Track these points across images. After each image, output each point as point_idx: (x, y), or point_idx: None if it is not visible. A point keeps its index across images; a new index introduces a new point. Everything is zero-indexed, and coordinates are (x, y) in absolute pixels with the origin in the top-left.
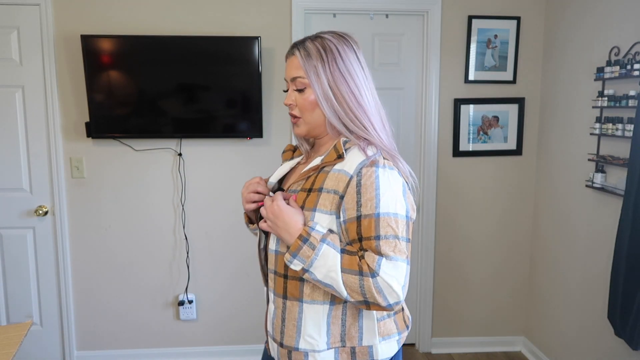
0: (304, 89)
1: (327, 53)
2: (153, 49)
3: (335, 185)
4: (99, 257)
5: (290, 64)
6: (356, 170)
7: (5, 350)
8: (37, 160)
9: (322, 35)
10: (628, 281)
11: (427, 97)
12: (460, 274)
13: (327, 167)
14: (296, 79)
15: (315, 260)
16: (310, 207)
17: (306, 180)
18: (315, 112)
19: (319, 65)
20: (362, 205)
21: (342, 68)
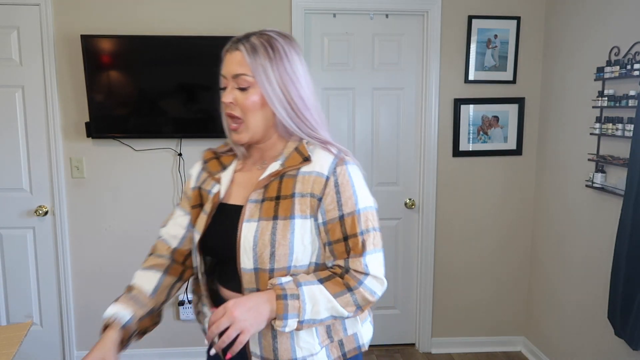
0: (247, 87)
1: (274, 52)
2: (153, 49)
3: (310, 188)
4: (99, 257)
5: (232, 60)
6: (330, 170)
7: (5, 350)
8: (37, 160)
9: (267, 32)
10: (628, 281)
11: (427, 97)
12: (460, 274)
13: (291, 171)
14: (240, 76)
15: (306, 305)
16: (286, 215)
17: (266, 188)
18: (259, 114)
19: (267, 63)
20: (343, 205)
21: (289, 69)
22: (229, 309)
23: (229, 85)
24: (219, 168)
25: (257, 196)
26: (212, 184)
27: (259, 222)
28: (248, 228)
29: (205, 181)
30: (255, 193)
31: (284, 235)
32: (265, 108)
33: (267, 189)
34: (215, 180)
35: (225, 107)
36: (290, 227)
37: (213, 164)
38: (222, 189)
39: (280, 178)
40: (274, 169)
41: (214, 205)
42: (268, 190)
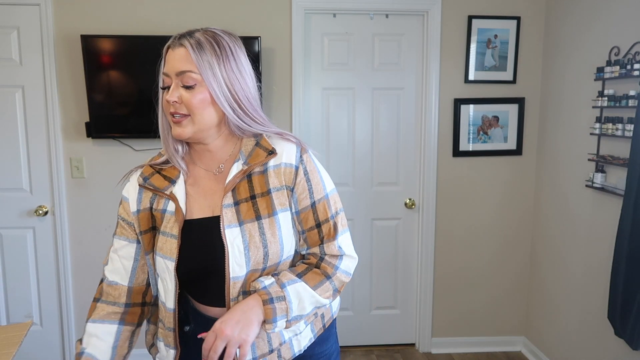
0: (193, 85)
1: (221, 49)
2: (153, 49)
3: (282, 180)
4: (99, 257)
5: (177, 56)
6: (297, 159)
7: (5, 350)
8: (37, 160)
9: (212, 29)
10: (628, 281)
11: (427, 97)
12: (460, 274)
13: (258, 167)
14: (185, 73)
15: (292, 305)
16: (269, 213)
17: (235, 191)
18: (206, 112)
19: (214, 61)
20: (314, 192)
21: (233, 65)
22: (219, 330)
23: (173, 83)
24: (165, 183)
25: (229, 200)
26: (164, 202)
27: (243, 225)
28: (232, 234)
29: (155, 200)
30: (227, 197)
31: (273, 233)
32: (213, 106)
33: (236, 191)
34: (167, 197)
35: (168, 106)
36: (276, 224)
37: (156, 179)
38: (182, 206)
39: (247, 177)
40: (238, 169)
41: (180, 224)
42: (239, 192)
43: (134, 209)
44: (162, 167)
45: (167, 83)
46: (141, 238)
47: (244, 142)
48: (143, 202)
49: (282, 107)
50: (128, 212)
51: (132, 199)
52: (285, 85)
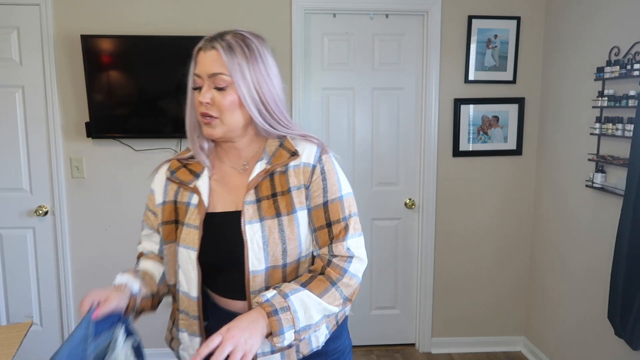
0: (225, 87)
1: (250, 52)
2: (153, 49)
3: (300, 179)
4: (99, 257)
5: (209, 59)
6: (316, 158)
7: (5, 350)
8: (37, 160)
9: (241, 32)
10: (628, 281)
11: (427, 97)
12: (460, 274)
13: (280, 167)
14: (217, 75)
15: (298, 314)
16: (288, 211)
17: (257, 189)
18: (236, 113)
19: (244, 63)
20: (328, 191)
21: (262, 68)
22: (226, 334)
23: (205, 85)
24: (190, 177)
25: (251, 197)
26: (189, 195)
27: (263, 222)
28: (252, 230)
29: (179, 193)
30: (249, 194)
31: (292, 230)
32: (241, 108)
33: (259, 189)
34: (191, 191)
35: (199, 106)
36: (295, 221)
37: (182, 173)
38: (205, 199)
39: (270, 176)
40: (261, 169)
41: (202, 217)
42: (261, 190)
43: (159, 201)
44: (189, 161)
45: (198, 84)
46: (161, 229)
47: (269, 143)
48: (168, 194)
49: None
50: (154, 204)
51: (158, 191)
52: (286, 85)
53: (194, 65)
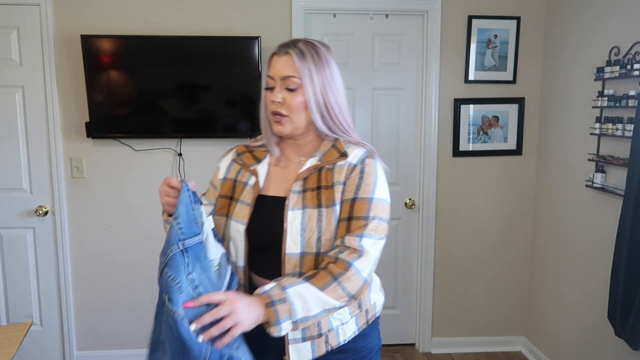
0: (295, 89)
1: (319, 58)
2: (153, 49)
3: (342, 176)
4: (99, 257)
5: (283, 63)
6: (360, 159)
7: (5, 350)
8: (37, 160)
9: (311, 40)
10: (628, 281)
11: (427, 97)
12: (460, 274)
13: (328, 165)
14: (289, 78)
15: (295, 306)
16: (329, 204)
17: (305, 180)
18: (302, 114)
19: (313, 68)
20: (360, 189)
21: (328, 75)
22: (230, 300)
23: (277, 86)
24: (253, 161)
25: (298, 187)
26: (248, 175)
27: (305, 210)
28: (293, 215)
29: (240, 173)
30: (297, 185)
31: (329, 222)
32: (306, 109)
33: (306, 181)
34: (250, 172)
35: (271, 104)
36: (333, 214)
37: (247, 156)
38: (261, 181)
39: (318, 171)
40: (312, 164)
41: (254, 196)
42: (308, 182)
43: (221, 177)
44: (255, 149)
45: (271, 84)
46: (217, 200)
47: (324, 143)
48: (230, 173)
49: None
50: (216, 179)
51: (222, 169)
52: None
53: (268, 68)
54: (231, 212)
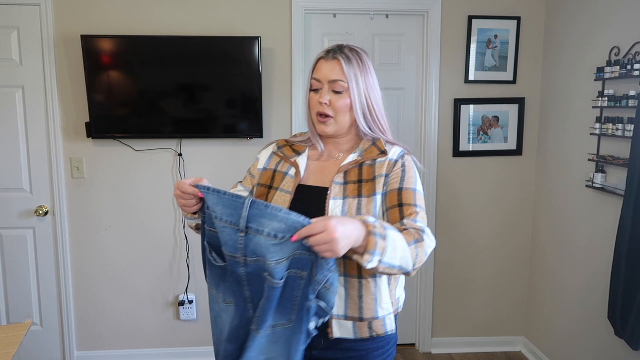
0: (341, 91)
1: (363, 64)
2: (153, 49)
3: (383, 170)
4: (99, 257)
5: (331, 67)
6: (399, 156)
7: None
8: (37, 160)
9: (354, 46)
10: (628, 281)
11: (427, 97)
12: (460, 274)
13: (368, 161)
14: (337, 81)
15: (388, 248)
16: (369, 194)
17: (346, 174)
18: (347, 115)
19: (358, 73)
20: (404, 181)
21: (370, 79)
22: (331, 228)
23: (324, 88)
24: (292, 153)
25: (340, 179)
26: (288, 166)
27: (345, 199)
28: (334, 204)
29: (280, 164)
30: (338, 176)
31: (368, 210)
32: (351, 110)
33: (347, 174)
34: (290, 164)
35: (318, 105)
36: (373, 203)
37: (287, 149)
38: (302, 171)
39: (359, 166)
40: (353, 159)
41: (295, 184)
42: (349, 175)
43: (260, 167)
44: (294, 143)
45: (316, 86)
46: (256, 188)
47: (363, 141)
48: (270, 164)
49: (282, 106)
50: (255, 168)
51: (262, 160)
52: (285, 85)
53: (314, 70)
54: (269, 199)
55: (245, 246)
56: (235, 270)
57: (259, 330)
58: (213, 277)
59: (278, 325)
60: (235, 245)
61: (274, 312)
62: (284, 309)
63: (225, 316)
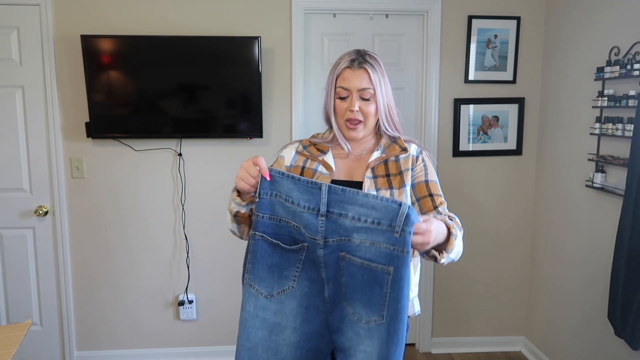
0: (369, 98)
1: (382, 69)
2: (153, 49)
3: (408, 164)
4: (99, 257)
5: (359, 76)
6: (418, 152)
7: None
8: (37, 160)
9: (371, 53)
10: (628, 281)
11: (427, 97)
12: (460, 274)
13: (391, 157)
14: (365, 90)
15: (455, 248)
16: (399, 186)
17: (373, 169)
18: (374, 118)
19: (381, 79)
20: (428, 174)
21: (388, 83)
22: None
23: (353, 96)
24: (318, 153)
25: (369, 174)
26: (316, 164)
27: (378, 191)
28: None
29: (308, 162)
30: (368, 172)
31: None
32: (377, 114)
33: (375, 169)
34: (318, 162)
35: (349, 113)
36: (404, 194)
37: (312, 149)
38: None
39: (384, 162)
40: (377, 156)
41: (329, 180)
42: (376, 170)
43: (287, 164)
44: (317, 143)
45: (344, 95)
46: None
47: (383, 139)
48: (297, 161)
49: (282, 107)
50: (282, 165)
51: (287, 157)
52: (285, 85)
53: (340, 79)
54: None
55: (326, 229)
56: (314, 251)
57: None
58: (260, 269)
59: (372, 322)
60: (315, 228)
61: (364, 305)
62: (374, 306)
63: (263, 313)
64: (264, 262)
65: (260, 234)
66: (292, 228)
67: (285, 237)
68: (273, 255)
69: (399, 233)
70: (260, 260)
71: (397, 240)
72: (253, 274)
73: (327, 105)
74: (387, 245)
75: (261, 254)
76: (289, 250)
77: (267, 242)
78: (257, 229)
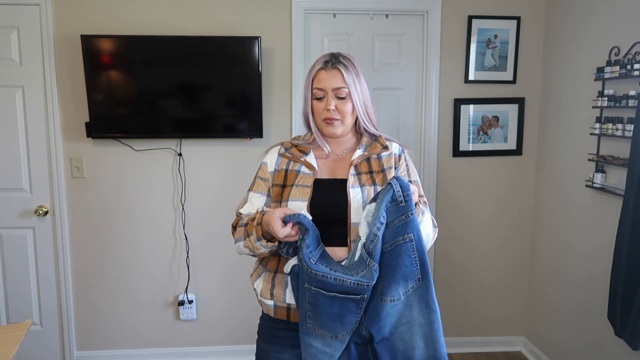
0: (344, 97)
1: (356, 70)
2: (153, 49)
3: (391, 163)
4: (99, 257)
5: (333, 76)
6: (399, 151)
7: (5, 350)
8: (37, 160)
9: (345, 55)
10: (628, 281)
11: (427, 97)
12: (460, 274)
13: (373, 155)
14: (340, 89)
15: (425, 223)
16: (382, 182)
17: (357, 167)
18: (351, 117)
19: (355, 79)
20: (411, 174)
21: (363, 82)
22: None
23: (328, 95)
24: (300, 154)
25: (352, 171)
26: (299, 165)
27: (363, 187)
28: (354, 192)
29: (290, 164)
30: (351, 169)
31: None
32: (354, 112)
33: (358, 167)
34: (301, 163)
35: (325, 112)
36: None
37: (294, 151)
38: (316, 167)
39: (367, 160)
40: (359, 154)
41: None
42: (359, 168)
43: (271, 169)
44: (298, 144)
45: (320, 95)
46: (272, 189)
47: (363, 138)
48: (280, 165)
49: (282, 107)
50: (265, 172)
51: (270, 163)
52: (285, 85)
53: (315, 81)
54: (285, 196)
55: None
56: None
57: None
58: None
59: (410, 290)
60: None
61: (400, 282)
62: (409, 277)
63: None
64: (324, 312)
65: (315, 289)
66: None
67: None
68: (333, 306)
69: (403, 202)
70: (320, 312)
71: (404, 208)
72: (315, 320)
73: (305, 107)
74: (400, 217)
75: (321, 305)
76: (348, 299)
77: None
78: (312, 284)
